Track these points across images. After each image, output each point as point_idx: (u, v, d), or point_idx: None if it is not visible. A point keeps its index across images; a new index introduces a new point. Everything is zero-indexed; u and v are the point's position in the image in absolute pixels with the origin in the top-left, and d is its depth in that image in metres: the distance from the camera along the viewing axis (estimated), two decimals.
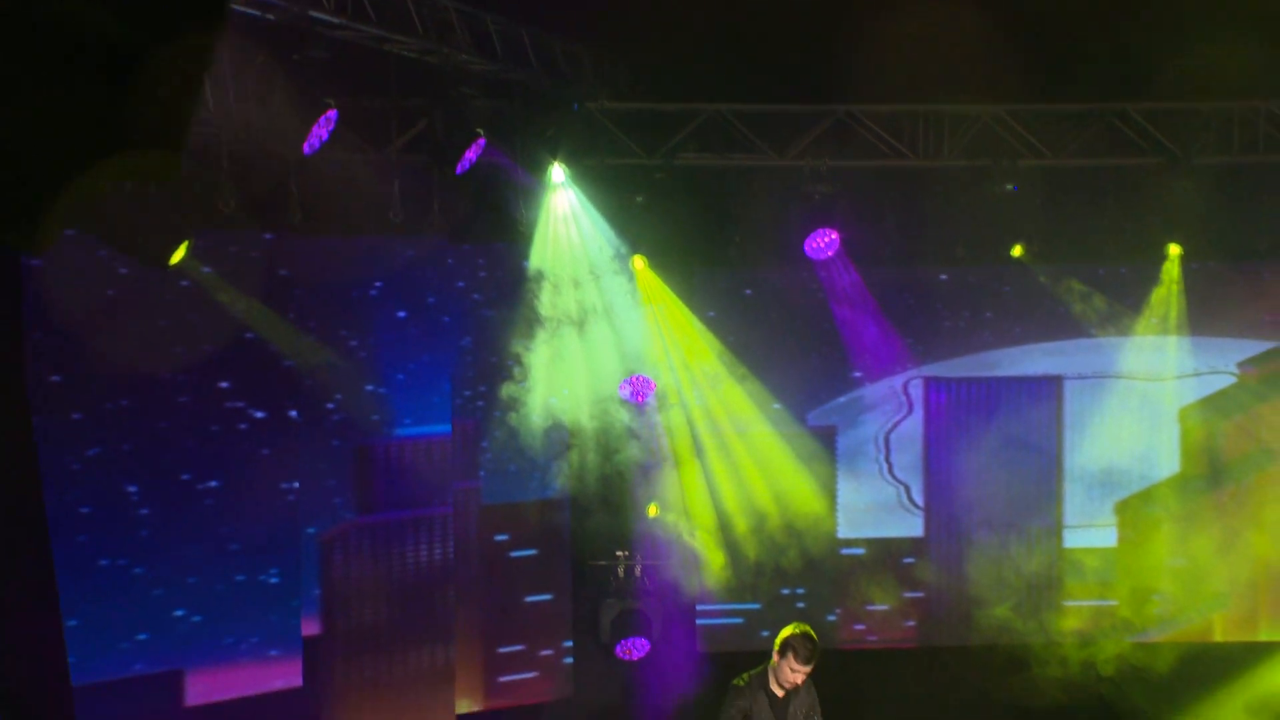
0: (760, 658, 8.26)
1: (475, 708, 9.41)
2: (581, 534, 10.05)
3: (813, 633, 8.31)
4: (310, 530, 8.39)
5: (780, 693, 8.42)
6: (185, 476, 7.73)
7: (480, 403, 9.43)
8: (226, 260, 7.76)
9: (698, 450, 10.42)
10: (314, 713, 8.30)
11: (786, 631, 8.37)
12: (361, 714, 8.54)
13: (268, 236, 7.91)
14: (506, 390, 9.45)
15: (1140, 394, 10.93)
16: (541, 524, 9.69)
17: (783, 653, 8.31)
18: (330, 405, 8.49)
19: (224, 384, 7.85)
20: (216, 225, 7.32)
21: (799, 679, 8.25)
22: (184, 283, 7.55)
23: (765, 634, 10.71)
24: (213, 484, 7.76)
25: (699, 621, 10.72)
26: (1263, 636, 10.80)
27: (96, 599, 7.33)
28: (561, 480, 9.78)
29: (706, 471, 10.44)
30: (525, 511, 9.63)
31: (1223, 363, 10.93)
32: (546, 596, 9.78)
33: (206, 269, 7.65)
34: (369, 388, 8.62)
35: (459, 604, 9.20)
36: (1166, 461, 10.96)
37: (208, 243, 7.41)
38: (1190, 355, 10.89)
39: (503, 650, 9.55)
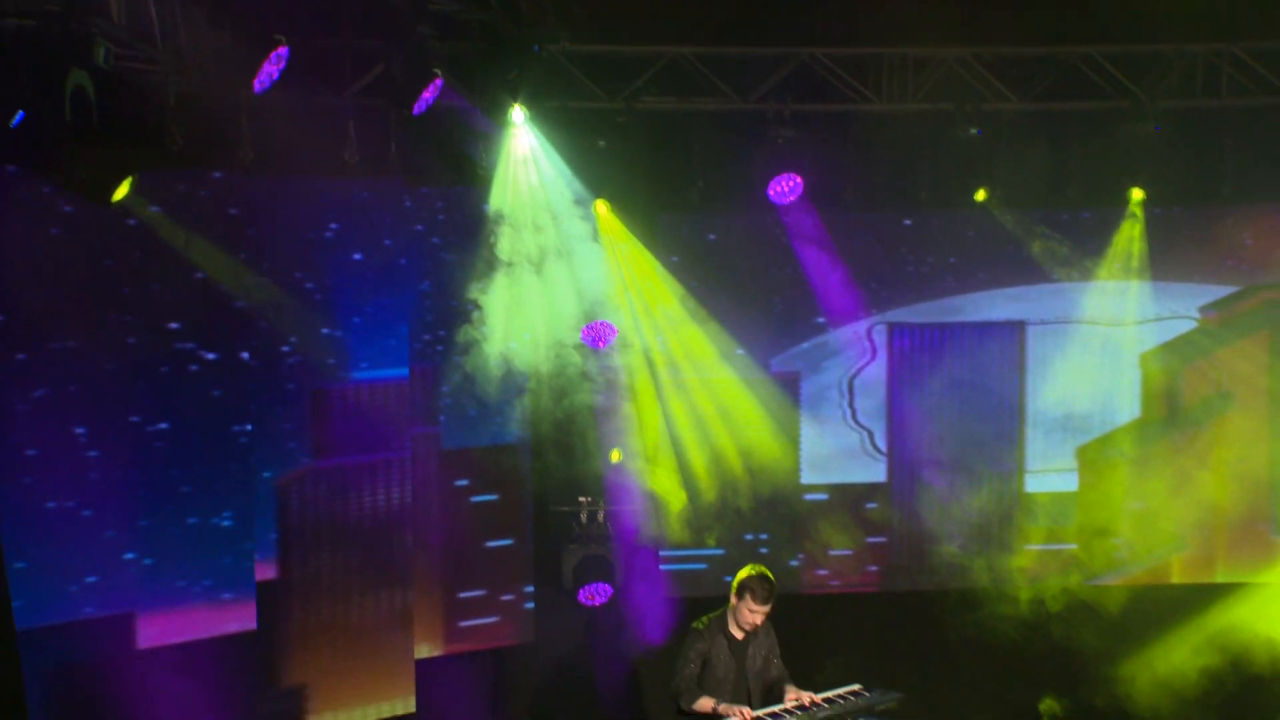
0: (724, 603, 8.20)
1: (435, 652, 9.32)
2: (542, 479, 9.92)
3: (769, 574, 8.24)
4: (266, 474, 8.24)
5: (740, 635, 8.36)
6: (134, 419, 7.56)
7: (439, 347, 9.26)
8: (174, 199, 7.56)
9: (659, 396, 10.29)
10: (270, 656, 8.19)
11: (743, 573, 8.30)
12: (319, 658, 8.43)
13: (217, 175, 7.69)
14: (465, 334, 9.29)
15: (1102, 339, 10.86)
16: (501, 469, 9.55)
17: (740, 594, 8.25)
18: (285, 348, 8.32)
19: (174, 325, 7.66)
20: (164, 164, 7.09)
21: (757, 620, 8.19)
22: (131, 221, 7.34)
23: (728, 579, 10.54)
24: (163, 426, 7.59)
25: (663, 567, 10.64)
26: (1219, 578, 10.80)
27: (44, 542, 7.18)
28: (521, 425, 9.65)
29: (668, 417, 10.32)
30: (485, 456, 9.50)
31: (1184, 307, 10.86)
32: (507, 541, 9.66)
33: (154, 208, 7.44)
34: (325, 331, 8.45)
35: (418, 549, 9.08)
36: (1127, 406, 10.91)
37: (155, 181, 7.21)
38: (1152, 300, 10.81)
39: (463, 595, 9.44)
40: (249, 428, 7.90)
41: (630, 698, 10.24)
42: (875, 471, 10.91)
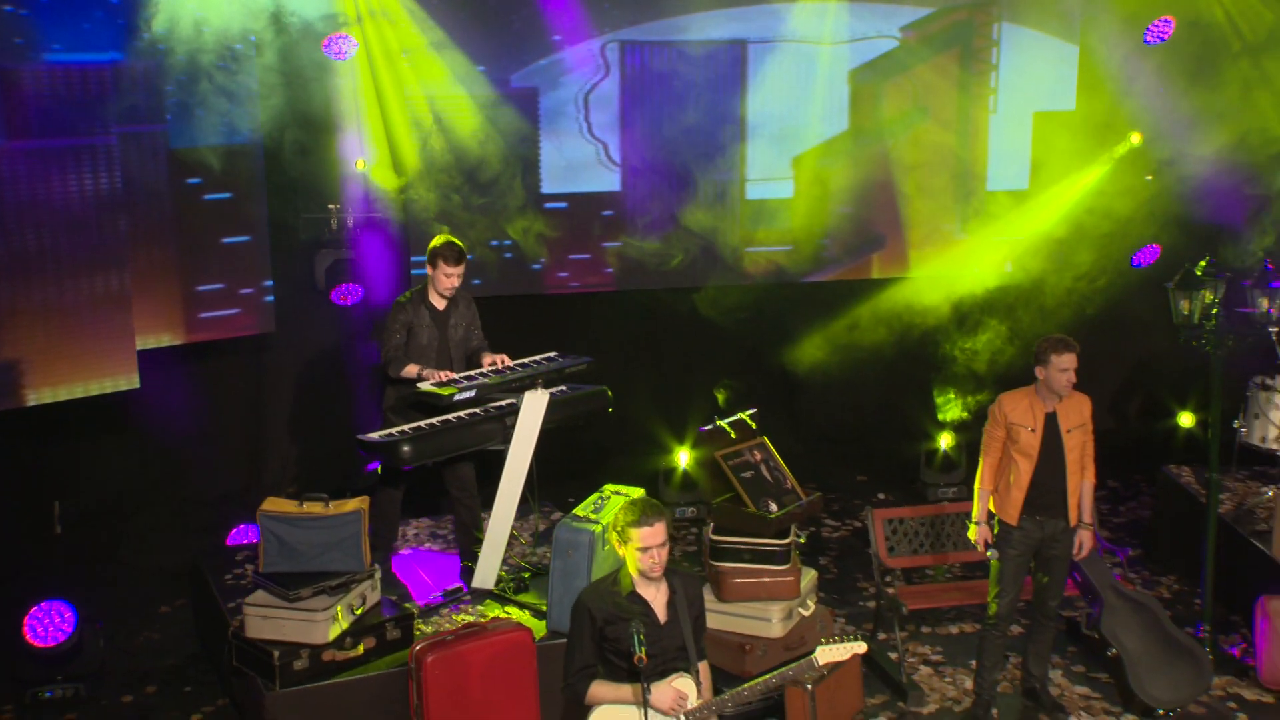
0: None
1: (177, 341, 8.36)
2: (282, 180, 8.83)
3: (456, 240, 7.48)
4: None
5: (440, 304, 7.64)
6: None
7: (161, 46, 7.94)
8: None
9: (381, 106, 9.15)
10: None
11: (433, 243, 7.54)
12: (32, 336, 7.43)
13: None
14: (192, 35, 7.97)
15: (814, 57, 10.10)
16: (235, 169, 8.42)
17: (434, 263, 7.51)
18: None
19: None
20: None
21: (454, 282, 7.49)
22: None
23: (477, 282, 9.85)
24: None
25: (413, 272, 9.75)
26: (912, 273, 10.43)
27: None
28: (253, 127, 8.47)
29: (390, 131, 9.21)
30: (217, 156, 8.33)
31: (888, 28, 10.17)
32: (245, 239, 8.62)
33: None
34: (9, 9, 7.08)
35: (152, 244, 8.01)
36: (837, 120, 10.23)
37: None
38: (860, 20, 10.07)
39: (202, 289, 8.45)
40: None
41: (374, 383, 9.50)
42: (610, 181, 10.10)
